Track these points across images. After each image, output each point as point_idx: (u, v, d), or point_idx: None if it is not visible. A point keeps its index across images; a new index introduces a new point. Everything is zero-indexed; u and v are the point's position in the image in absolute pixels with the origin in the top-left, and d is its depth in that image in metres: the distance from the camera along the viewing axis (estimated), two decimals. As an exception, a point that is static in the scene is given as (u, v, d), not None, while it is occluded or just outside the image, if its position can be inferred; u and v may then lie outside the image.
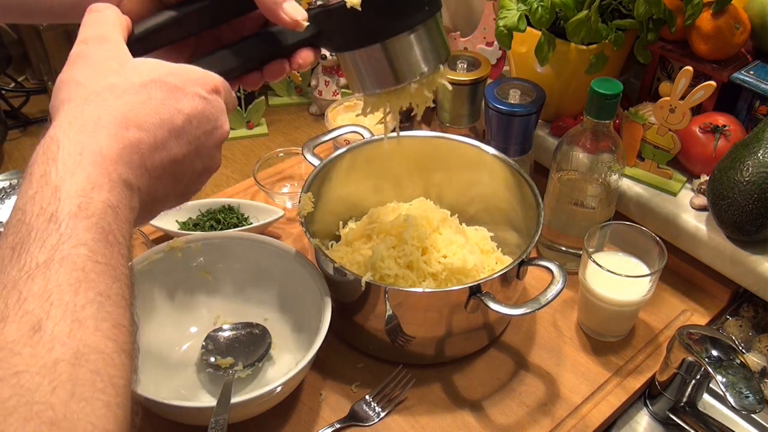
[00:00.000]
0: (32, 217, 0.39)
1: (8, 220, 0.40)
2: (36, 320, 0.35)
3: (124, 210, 0.43)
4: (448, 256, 0.79)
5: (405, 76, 0.61)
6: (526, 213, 0.85)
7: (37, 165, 0.41)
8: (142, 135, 0.45)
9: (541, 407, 0.77)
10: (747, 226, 0.81)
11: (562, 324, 0.87)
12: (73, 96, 0.45)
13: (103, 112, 0.44)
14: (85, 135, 0.42)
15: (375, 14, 0.57)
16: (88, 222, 0.40)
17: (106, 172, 0.42)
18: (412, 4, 0.59)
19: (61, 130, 0.43)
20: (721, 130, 0.89)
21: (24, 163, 1.10)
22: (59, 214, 0.39)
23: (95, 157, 0.42)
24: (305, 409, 0.76)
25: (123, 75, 0.47)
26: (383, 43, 0.59)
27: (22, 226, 0.39)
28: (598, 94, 0.78)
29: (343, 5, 0.56)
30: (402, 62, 0.60)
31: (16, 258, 0.37)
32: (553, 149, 0.88)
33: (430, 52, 0.61)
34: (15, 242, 0.38)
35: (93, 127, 0.43)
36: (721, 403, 0.81)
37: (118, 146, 0.43)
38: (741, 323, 0.87)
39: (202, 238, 0.83)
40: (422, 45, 0.61)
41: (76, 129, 0.43)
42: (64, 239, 0.38)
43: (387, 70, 0.61)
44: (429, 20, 0.60)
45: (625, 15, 0.89)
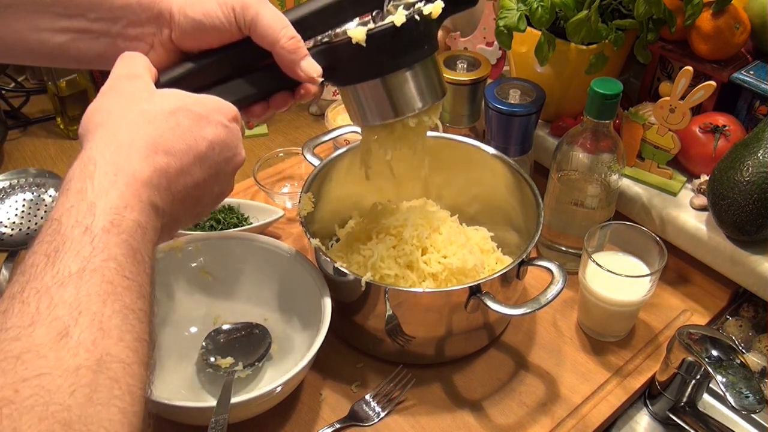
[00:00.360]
0: (68, 228, 0.41)
1: (43, 230, 0.42)
2: (64, 326, 0.37)
3: (150, 230, 0.45)
4: (448, 257, 0.79)
5: (403, 110, 0.65)
6: (526, 213, 0.85)
7: (74, 181, 0.44)
8: (170, 160, 0.48)
9: (541, 407, 0.77)
10: (747, 226, 0.81)
11: (562, 324, 0.87)
12: (106, 121, 0.48)
13: (136, 136, 0.47)
14: (120, 157, 0.45)
15: (377, 51, 0.61)
16: (118, 238, 0.42)
17: (138, 193, 0.45)
18: (412, 43, 0.62)
19: (97, 151, 0.45)
20: (721, 130, 0.89)
21: (24, 163, 1.10)
22: (93, 228, 0.41)
23: (129, 178, 0.45)
24: (305, 409, 0.76)
25: (153, 103, 0.50)
26: (383, 78, 0.63)
27: (57, 235, 0.41)
28: (598, 94, 0.78)
29: (348, 41, 0.60)
30: (400, 97, 0.64)
31: (51, 265, 0.39)
32: (553, 149, 0.88)
33: (427, 88, 0.65)
34: (49, 250, 0.40)
35: (127, 150, 0.46)
36: (721, 403, 0.81)
37: (149, 170, 0.46)
38: (741, 323, 0.87)
39: (202, 238, 0.83)
40: (419, 82, 0.65)
41: (111, 150, 0.46)
42: (97, 252, 0.41)
43: (386, 104, 0.65)
44: (427, 59, 0.65)
45: (625, 15, 0.89)
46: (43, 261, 0.39)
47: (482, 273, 0.81)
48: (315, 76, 0.60)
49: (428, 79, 0.65)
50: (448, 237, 0.82)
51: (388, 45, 0.61)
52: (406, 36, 0.61)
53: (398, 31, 0.60)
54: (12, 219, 0.98)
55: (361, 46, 0.60)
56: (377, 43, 0.60)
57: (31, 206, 0.99)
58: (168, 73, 0.58)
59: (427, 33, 0.63)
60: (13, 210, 0.99)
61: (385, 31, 0.60)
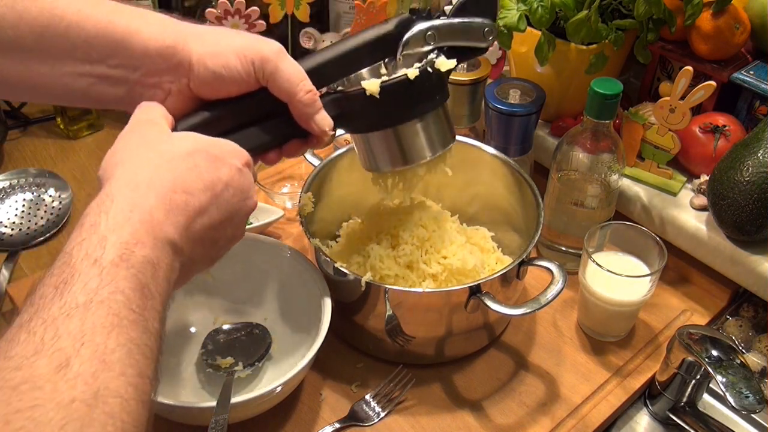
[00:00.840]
0: (77, 260, 0.42)
1: (55, 262, 0.43)
2: (66, 357, 0.37)
3: (163, 267, 0.46)
4: (448, 257, 0.79)
5: (413, 159, 0.67)
6: (526, 213, 0.85)
7: (89, 216, 0.45)
8: (188, 198, 0.49)
9: (541, 407, 0.77)
10: (747, 226, 0.81)
11: (562, 324, 0.87)
12: (125, 160, 0.50)
13: (155, 175, 0.48)
14: (138, 194, 0.46)
15: (390, 102, 0.63)
16: (127, 272, 0.42)
17: (152, 230, 0.45)
18: (424, 94, 0.64)
19: (116, 188, 0.47)
20: (721, 130, 0.89)
21: (24, 163, 1.10)
22: (102, 261, 0.42)
23: (144, 215, 0.46)
24: (305, 409, 0.76)
25: (171, 144, 0.52)
26: (395, 129, 0.65)
27: (67, 267, 0.41)
28: (598, 94, 0.78)
29: (362, 93, 0.62)
30: (411, 146, 0.66)
31: (59, 296, 0.40)
32: (553, 149, 0.88)
33: (438, 137, 0.67)
34: (58, 282, 0.41)
35: (145, 188, 0.47)
36: (721, 403, 0.81)
37: (165, 207, 0.47)
38: (741, 323, 0.87)
39: (202, 238, 0.83)
40: (430, 132, 0.66)
41: (130, 188, 0.47)
42: (104, 284, 0.41)
43: (396, 152, 0.67)
44: (438, 109, 0.66)
45: (625, 15, 0.89)
46: (52, 292, 0.40)
47: (482, 273, 0.81)
48: (327, 129, 0.62)
49: (439, 127, 0.67)
50: (448, 237, 0.82)
51: (401, 97, 0.63)
52: (418, 88, 0.63)
53: (411, 83, 0.62)
54: (12, 219, 0.98)
55: (375, 97, 0.62)
56: (390, 94, 0.62)
57: (31, 206, 0.99)
58: (184, 121, 0.59)
59: (439, 84, 0.65)
60: (13, 210, 0.99)
61: (399, 83, 0.62)
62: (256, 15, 1.00)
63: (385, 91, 0.62)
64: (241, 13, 0.99)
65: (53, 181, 1.02)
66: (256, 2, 1.01)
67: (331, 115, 0.62)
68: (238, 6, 0.98)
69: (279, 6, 1.04)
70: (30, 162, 1.10)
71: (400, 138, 0.66)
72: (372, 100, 0.62)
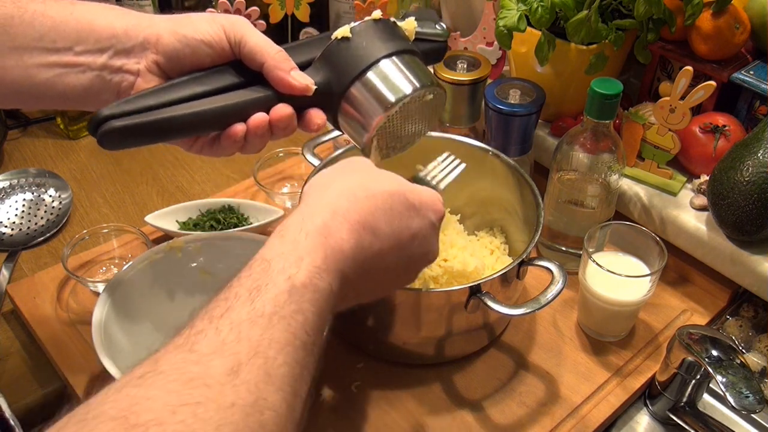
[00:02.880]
0: (275, 272, 0.45)
1: (253, 264, 0.46)
2: (238, 362, 0.39)
3: (337, 296, 0.48)
4: (449, 260, 0.79)
5: (397, 93, 0.64)
6: (526, 213, 0.85)
7: (291, 230, 0.48)
8: (373, 240, 0.51)
9: (541, 407, 0.77)
10: (747, 226, 0.81)
11: (562, 324, 0.87)
12: (330, 185, 0.53)
13: (352, 207, 0.51)
14: (334, 222, 0.49)
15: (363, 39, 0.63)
16: (312, 296, 0.45)
17: (338, 261, 0.48)
18: (393, 34, 0.65)
19: (319, 209, 0.50)
20: (721, 130, 0.89)
21: (24, 163, 1.10)
22: (295, 279, 0.45)
23: (335, 245, 0.48)
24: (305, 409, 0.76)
25: (375, 180, 0.54)
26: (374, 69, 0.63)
27: (264, 275, 0.45)
28: (598, 94, 0.78)
29: (335, 41, 0.63)
30: (392, 83, 0.63)
31: (249, 301, 0.43)
32: (553, 149, 0.88)
33: (418, 73, 0.65)
34: (253, 287, 0.44)
35: (341, 219, 0.50)
36: (721, 403, 0.81)
37: (353, 242, 0.49)
38: (741, 323, 0.87)
39: (202, 238, 0.83)
40: (408, 69, 0.65)
41: (328, 214, 0.50)
42: (291, 302, 0.44)
43: (380, 94, 0.64)
44: (414, 55, 0.66)
45: (625, 15, 0.89)
46: (246, 295, 0.43)
47: (483, 275, 0.81)
48: (308, 83, 0.61)
49: (418, 67, 0.65)
50: (449, 239, 0.82)
51: (371, 32, 0.64)
52: (384, 28, 0.64)
53: (376, 23, 0.64)
54: (12, 219, 0.98)
55: (347, 38, 0.63)
56: (360, 34, 0.63)
57: (31, 206, 0.99)
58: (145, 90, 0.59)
59: (406, 37, 0.67)
60: (13, 210, 0.99)
61: (366, 23, 0.64)
62: (256, 15, 1.00)
63: (355, 30, 0.63)
64: (241, 13, 0.99)
65: (53, 181, 1.02)
66: (256, 2, 1.01)
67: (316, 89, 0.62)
68: (238, 6, 0.99)
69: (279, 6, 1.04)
70: (30, 162, 1.10)
71: (379, 78, 0.63)
72: (344, 46, 0.63)
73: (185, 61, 0.60)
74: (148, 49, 0.59)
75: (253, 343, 0.40)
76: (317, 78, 0.62)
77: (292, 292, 0.44)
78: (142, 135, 0.58)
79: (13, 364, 0.81)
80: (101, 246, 0.92)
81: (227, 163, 1.11)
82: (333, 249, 0.48)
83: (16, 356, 0.82)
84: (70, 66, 0.58)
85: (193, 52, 0.59)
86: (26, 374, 0.80)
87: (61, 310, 0.85)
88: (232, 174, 1.10)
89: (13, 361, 0.82)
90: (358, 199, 0.51)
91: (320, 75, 0.63)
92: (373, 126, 0.64)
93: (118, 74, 0.59)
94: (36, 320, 0.83)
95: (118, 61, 0.59)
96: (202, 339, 0.40)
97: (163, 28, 0.60)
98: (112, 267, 0.91)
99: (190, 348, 0.40)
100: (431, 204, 0.56)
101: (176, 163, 1.12)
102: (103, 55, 0.59)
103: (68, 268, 0.85)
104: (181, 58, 0.60)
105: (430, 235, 0.56)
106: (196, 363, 0.39)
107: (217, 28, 0.59)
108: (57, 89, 0.59)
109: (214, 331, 0.41)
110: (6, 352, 0.83)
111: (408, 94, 0.63)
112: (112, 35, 0.59)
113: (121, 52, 0.59)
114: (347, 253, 0.49)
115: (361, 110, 0.64)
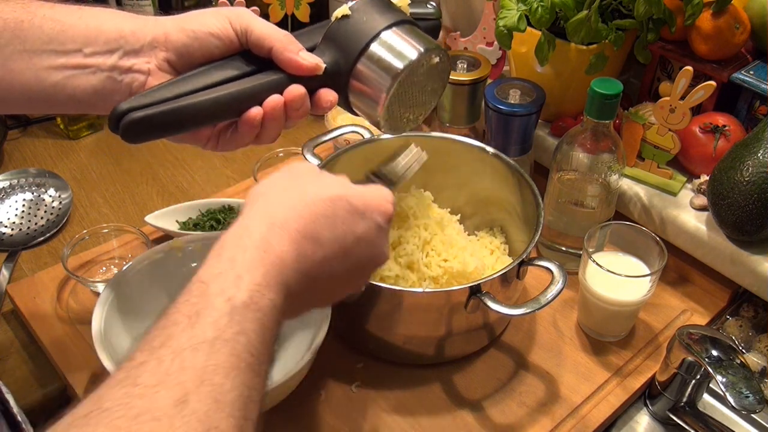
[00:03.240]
0: (213, 294, 0.43)
1: (190, 287, 0.44)
2: (185, 393, 0.38)
3: (279, 312, 0.46)
4: (449, 260, 0.79)
5: (405, 58, 0.64)
6: (526, 213, 0.85)
7: (227, 248, 0.46)
8: (316, 248, 0.49)
9: (541, 407, 0.77)
10: (747, 226, 0.81)
11: (562, 324, 0.87)
12: (270, 193, 0.51)
13: (291, 216, 0.49)
14: (272, 235, 0.47)
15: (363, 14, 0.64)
16: (253, 315, 0.43)
17: (280, 274, 0.46)
18: (392, 6, 0.66)
19: (253, 222, 0.48)
20: (721, 130, 0.89)
21: (24, 163, 1.10)
22: (235, 300, 0.43)
23: (275, 258, 0.46)
24: (305, 409, 0.76)
25: (317, 185, 0.52)
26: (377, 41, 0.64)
27: (202, 299, 0.43)
28: (598, 94, 0.78)
29: (335, 21, 0.64)
30: (398, 51, 0.64)
31: (190, 327, 0.41)
32: (553, 149, 0.88)
33: (421, 39, 0.65)
34: (192, 312, 0.42)
35: (279, 230, 0.48)
36: (721, 403, 0.81)
37: (294, 253, 0.47)
38: (741, 323, 0.87)
39: (202, 238, 0.83)
40: (411, 36, 0.65)
41: (266, 226, 0.48)
42: (233, 324, 0.42)
43: (388, 63, 0.64)
44: (414, 26, 0.66)
45: (625, 15, 0.89)
46: (185, 321, 0.41)
47: (483, 275, 0.81)
48: (317, 62, 0.61)
49: (419, 34, 0.66)
50: (448, 239, 0.82)
51: (369, 7, 0.64)
52: (381, 2, 0.65)
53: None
54: (12, 219, 0.98)
55: (347, 16, 0.63)
56: (359, 10, 0.64)
57: (31, 206, 0.99)
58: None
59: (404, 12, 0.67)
60: (13, 210, 0.99)
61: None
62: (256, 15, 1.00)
63: (354, 8, 0.64)
64: (241, 13, 0.99)
65: (53, 181, 1.02)
66: (256, 2, 1.01)
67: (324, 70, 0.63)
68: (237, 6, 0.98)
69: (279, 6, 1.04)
70: (30, 162, 1.10)
71: (384, 48, 0.64)
72: (345, 23, 0.63)
73: (195, 55, 0.60)
74: (157, 47, 0.60)
75: (198, 371, 0.39)
76: (324, 59, 0.63)
77: (233, 314, 0.42)
78: (163, 125, 0.59)
79: (13, 364, 0.81)
80: (101, 246, 0.92)
81: (227, 163, 1.11)
82: (273, 263, 0.46)
83: (16, 356, 0.82)
84: (80, 68, 0.59)
85: (201, 45, 0.60)
86: (26, 374, 0.80)
87: (61, 310, 0.85)
88: (232, 174, 1.10)
89: (13, 361, 0.82)
90: (296, 208, 0.49)
91: (326, 56, 0.63)
92: (383, 97, 0.64)
93: (128, 74, 0.60)
94: (36, 320, 0.83)
95: (128, 61, 0.59)
96: (145, 371, 0.38)
97: (170, 26, 0.60)
98: (112, 267, 0.91)
99: (133, 381, 0.38)
100: (377, 206, 0.54)
101: (176, 163, 1.12)
102: (113, 56, 0.59)
103: (68, 268, 0.85)
104: (190, 53, 0.60)
105: (376, 237, 0.54)
106: (141, 396, 0.37)
107: (222, 20, 0.60)
108: (67, 91, 0.59)
109: (156, 362, 0.39)
110: (6, 352, 0.83)
111: (414, 59, 0.64)
112: (120, 36, 0.59)
113: (130, 53, 0.59)
114: (289, 264, 0.47)
115: (371, 83, 0.65)
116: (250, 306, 0.43)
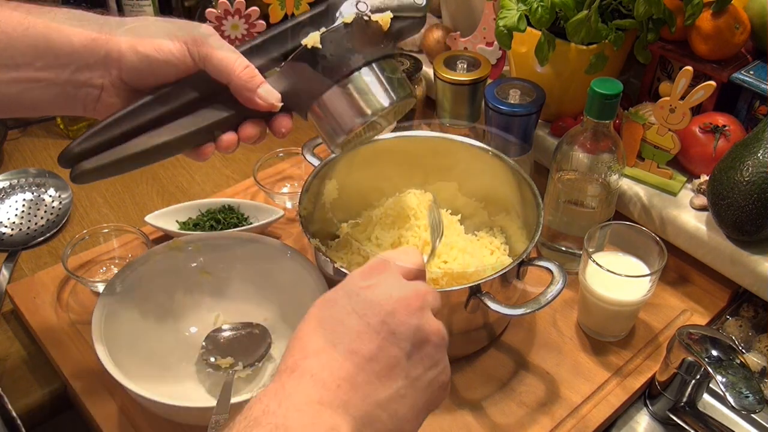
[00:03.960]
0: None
1: (239, 418, 0.45)
2: None
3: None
4: (449, 262, 0.79)
5: (373, 107, 0.63)
6: (526, 213, 0.85)
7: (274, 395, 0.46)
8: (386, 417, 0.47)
9: (541, 407, 0.77)
10: (747, 226, 0.81)
11: (562, 324, 0.87)
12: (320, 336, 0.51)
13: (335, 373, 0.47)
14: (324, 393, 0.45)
15: (334, 50, 0.61)
16: None
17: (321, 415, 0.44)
18: (366, 40, 0.62)
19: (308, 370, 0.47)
20: (721, 130, 0.89)
21: (24, 163, 1.10)
22: None
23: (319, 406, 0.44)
24: (305, 409, 0.76)
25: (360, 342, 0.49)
26: (348, 79, 0.62)
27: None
28: (598, 94, 0.78)
29: (304, 49, 0.61)
30: (367, 95, 0.63)
31: None
32: (553, 149, 0.88)
33: (396, 86, 0.64)
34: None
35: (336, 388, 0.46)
36: (721, 403, 0.81)
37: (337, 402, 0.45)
38: (741, 323, 0.87)
39: (202, 238, 0.83)
40: (383, 80, 0.63)
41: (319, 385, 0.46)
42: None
43: (356, 104, 0.63)
44: (388, 59, 0.64)
45: (625, 15, 0.89)
46: None
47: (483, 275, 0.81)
48: (274, 101, 0.60)
49: (394, 77, 0.64)
50: (449, 241, 0.82)
51: (343, 42, 0.61)
52: (358, 33, 0.62)
53: (349, 26, 0.61)
54: (12, 219, 0.98)
55: (317, 49, 0.61)
56: (332, 42, 0.61)
57: (31, 206, 0.99)
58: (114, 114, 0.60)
59: (380, 35, 0.64)
60: (13, 210, 0.99)
61: (337, 29, 0.61)
62: (256, 15, 1.00)
63: (326, 39, 0.61)
64: (241, 13, 1.00)
65: (53, 181, 1.02)
66: (256, 2, 1.01)
67: (279, 92, 0.61)
68: (238, 6, 0.99)
69: (279, 6, 1.04)
70: (30, 162, 1.10)
71: (355, 88, 0.62)
72: (315, 55, 0.61)
73: (149, 79, 0.60)
74: (110, 65, 0.59)
75: None
76: (286, 85, 0.62)
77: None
78: (115, 170, 0.61)
79: (13, 364, 0.81)
80: (101, 246, 0.92)
81: (227, 163, 1.11)
82: (317, 412, 0.45)
83: (16, 356, 0.82)
84: (33, 81, 0.58)
85: (154, 70, 0.59)
86: (26, 374, 0.80)
87: (61, 310, 0.85)
88: (232, 174, 1.10)
89: (13, 361, 0.82)
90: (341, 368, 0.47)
91: (288, 83, 0.62)
92: (347, 132, 0.64)
93: (83, 89, 0.59)
94: (36, 320, 0.83)
95: (82, 76, 0.59)
96: None
97: (125, 45, 0.58)
98: (112, 267, 0.91)
99: None
100: (437, 341, 0.50)
101: (176, 163, 1.11)
102: (66, 71, 0.58)
103: (68, 268, 0.85)
104: (144, 76, 0.60)
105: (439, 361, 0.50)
106: None
107: (179, 47, 0.59)
108: (25, 103, 0.59)
109: None
110: (6, 352, 0.83)
111: (386, 107, 0.64)
112: (72, 51, 0.58)
113: (83, 67, 0.58)
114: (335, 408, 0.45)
115: (335, 116, 0.64)
116: None
